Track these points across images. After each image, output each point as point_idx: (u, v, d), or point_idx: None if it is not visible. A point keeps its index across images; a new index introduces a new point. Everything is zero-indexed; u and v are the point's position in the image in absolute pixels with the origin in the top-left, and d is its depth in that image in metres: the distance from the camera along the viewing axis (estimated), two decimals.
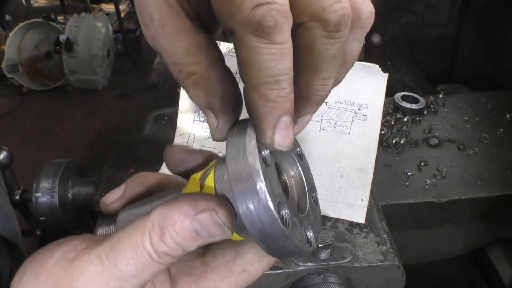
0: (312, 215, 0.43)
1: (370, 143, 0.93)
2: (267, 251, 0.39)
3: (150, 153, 1.13)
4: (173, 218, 0.37)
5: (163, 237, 0.37)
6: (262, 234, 0.36)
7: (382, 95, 0.95)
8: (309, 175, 0.47)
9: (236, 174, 0.36)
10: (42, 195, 1.08)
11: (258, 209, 0.35)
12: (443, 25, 1.87)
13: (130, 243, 0.38)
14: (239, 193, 0.36)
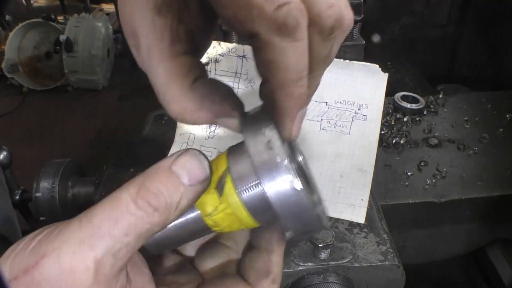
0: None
1: (370, 143, 0.93)
2: (292, 229, 0.40)
3: (150, 153, 1.13)
4: (154, 170, 0.38)
5: (142, 186, 0.37)
6: (292, 214, 0.38)
7: (382, 95, 0.95)
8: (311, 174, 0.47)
9: (262, 159, 0.38)
10: (42, 195, 1.08)
11: (288, 190, 0.37)
12: (443, 25, 1.87)
13: (108, 199, 0.38)
14: (268, 177, 0.38)
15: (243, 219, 0.42)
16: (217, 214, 0.42)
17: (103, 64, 4.16)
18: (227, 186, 0.41)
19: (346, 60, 0.96)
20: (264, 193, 0.39)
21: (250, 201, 0.40)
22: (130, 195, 0.37)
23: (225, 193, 0.41)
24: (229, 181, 0.41)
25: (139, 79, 4.34)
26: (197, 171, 0.39)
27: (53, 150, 3.37)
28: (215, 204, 0.41)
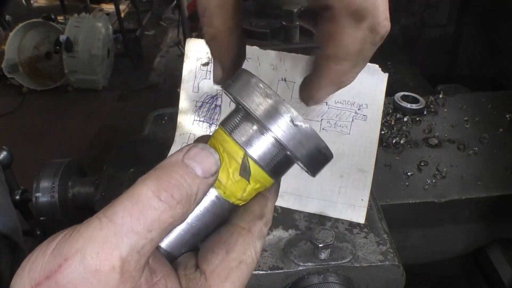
0: None
1: (370, 143, 0.93)
2: (310, 165, 0.45)
3: (150, 153, 1.13)
4: (167, 163, 0.39)
5: (160, 180, 0.38)
6: (307, 149, 0.43)
7: (382, 95, 0.95)
8: None
9: (265, 108, 0.41)
10: (42, 195, 1.08)
11: (298, 127, 0.41)
12: (443, 25, 1.88)
13: (126, 195, 0.38)
14: (273, 122, 0.41)
15: (267, 184, 0.45)
16: (247, 193, 0.44)
17: (103, 64, 4.16)
18: (253, 168, 0.43)
19: None
20: (290, 155, 0.43)
21: (275, 167, 0.44)
22: (150, 189, 0.37)
23: (253, 175, 0.43)
24: (252, 164, 0.43)
25: (139, 79, 4.34)
26: (209, 164, 0.40)
27: (53, 150, 3.37)
28: (243, 187, 0.43)
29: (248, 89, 0.42)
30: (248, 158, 0.43)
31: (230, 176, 0.43)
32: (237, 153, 0.43)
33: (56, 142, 3.51)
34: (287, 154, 0.43)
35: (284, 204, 0.89)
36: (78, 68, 4.01)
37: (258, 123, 0.42)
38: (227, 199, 0.44)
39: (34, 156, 3.12)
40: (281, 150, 0.43)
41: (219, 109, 0.96)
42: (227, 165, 0.43)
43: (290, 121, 0.41)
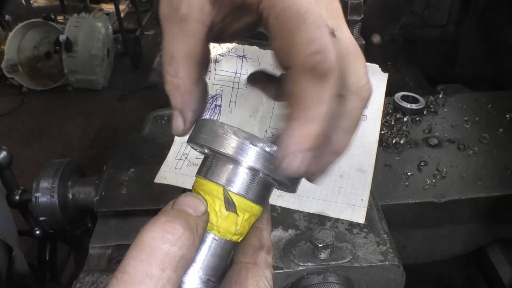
0: None
1: (370, 143, 0.93)
2: (288, 182, 0.47)
3: (150, 153, 1.13)
4: (161, 214, 0.41)
5: (158, 223, 0.40)
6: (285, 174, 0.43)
7: (382, 95, 0.95)
8: None
9: (234, 144, 0.43)
10: (42, 195, 1.08)
11: (268, 152, 0.43)
12: (443, 25, 1.87)
13: (133, 246, 0.39)
14: (242, 153, 0.43)
15: (256, 212, 0.47)
16: (240, 225, 0.45)
17: (103, 64, 4.16)
18: (236, 200, 0.45)
19: None
20: (265, 177, 0.45)
21: (256, 193, 0.46)
22: (153, 232, 0.38)
23: (238, 206, 0.45)
24: (234, 196, 0.45)
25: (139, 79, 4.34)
26: (196, 205, 0.42)
27: (52, 150, 3.37)
28: (234, 220, 0.45)
29: (213, 133, 0.44)
30: (228, 192, 0.44)
31: (218, 214, 0.44)
32: (217, 191, 0.44)
33: (55, 142, 3.51)
34: (263, 178, 0.45)
35: (283, 204, 0.89)
36: (78, 68, 4.01)
37: (229, 159, 0.44)
38: (224, 238, 0.45)
39: (33, 156, 3.12)
40: (256, 176, 0.45)
41: (219, 109, 0.96)
42: (213, 205, 0.44)
43: (260, 148, 0.43)
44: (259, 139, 0.43)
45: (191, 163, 0.95)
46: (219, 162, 0.45)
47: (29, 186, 1.13)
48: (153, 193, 1.01)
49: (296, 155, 0.40)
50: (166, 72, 0.46)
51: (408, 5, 1.84)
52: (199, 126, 0.46)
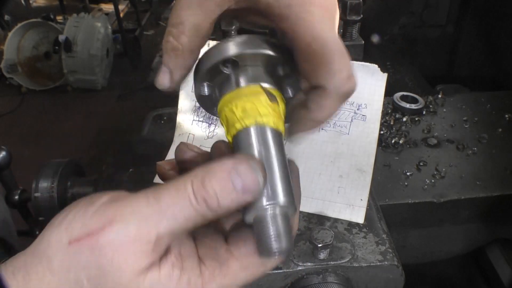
0: None
1: (369, 143, 0.93)
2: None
3: (149, 153, 1.13)
4: (214, 169, 0.43)
5: (203, 183, 0.42)
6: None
7: (381, 95, 0.95)
8: None
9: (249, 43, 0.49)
10: (41, 195, 1.08)
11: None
12: (442, 25, 1.88)
13: (174, 186, 0.43)
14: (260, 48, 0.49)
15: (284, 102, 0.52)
16: (283, 113, 0.50)
17: (102, 64, 4.16)
18: (273, 91, 0.50)
19: None
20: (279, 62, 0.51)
21: (279, 80, 0.52)
22: (192, 187, 0.42)
23: (278, 97, 0.50)
24: (270, 89, 0.50)
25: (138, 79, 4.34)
26: (252, 184, 0.43)
27: (52, 150, 3.37)
28: (278, 111, 0.49)
29: (241, 43, 0.49)
30: (265, 87, 0.49)
31: (267, 107, 0.48)
32: (257, 90, 0.48)
33: (55, 142, 3.51)
34: (286, 68, 0.51)
35: None
36: (77, 68, 4.01)
37: (255, 60, 0.49)
38: (278, 129, 0.48)
39: (33, 156, 3.12)
40: (275, 70, 0.50)
41: None
42: (260, 102, 0.48)
43: (269, 42, 0.49)
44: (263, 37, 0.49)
45: None
46: (246, 69, 0.49)
47: (28, 186, 1.13)
48: None
49: (300, 134, 0.53)
50: (169, 32, 0.49)
51: (407, 5, 1.84)
52: (212, 50, 0.50)
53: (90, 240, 0.41)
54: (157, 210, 0.42)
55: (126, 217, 0.42)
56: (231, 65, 0.49)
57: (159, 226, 0.42)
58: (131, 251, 0.41)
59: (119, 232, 0.41)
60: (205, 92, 0.52)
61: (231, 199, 0.42)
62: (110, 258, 0.41)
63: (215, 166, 0.43)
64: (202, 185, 0.42)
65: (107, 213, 0.42)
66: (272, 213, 0.45)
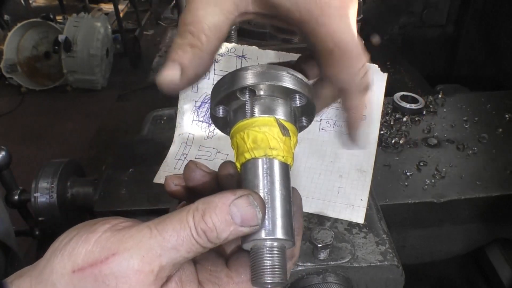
0: None
1: (369, 143, 0.93)
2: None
3: (149, 153, 1.13)
4: (215, 203, 0.44)
5: (204, 216, 0.44)
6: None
7: (381, 95, 0.95)
8: None
9: (269, 75, 0.50)
10: (41, 195, 1.08)
11: (294, 76, 0.51)
12: (442, 25, 1.87)
13: (176, 218, 0.44)
14: (278, 81, 0.49)
15: (296, 136, 0.53)
16: (293, 148, 0.51)
17: (102, 64, 4.15)
18: (287, 125, 0.50)
19: None
20: (301, 105, 0.52)
21: (295, 119, 0.53)
22: (194, 221, 0.44)
23: (290, 130, 0.51)
24: (284, 122, 0.50)
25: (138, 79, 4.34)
26: (250, 219, 0.45)
27: (52, 150, 3.37)
28: (289, 144, 0.50)
29: (260, 73, 0.49)
30: (280, 120, 0.49)
31: (278, 139, 0.48)
32: (271, 121, 0.49)
33: (55, 142, 3.50)
34: (299, 107, 0.52)
35: None
36: (77, 68, 4.01)
37: (271, 91, 0.50)
38: (286, 162, 0.49)
39: (33, 156, 3.12)
40: (292, 104, 0.51)
41: None
42: (272, 134, 0.48)
43: (288, 73, 0.49)
44: (286, 69, 0.49)
45: None
46: (262, 99, 0.50)
47: (28, 186, 1.13)
48: (152, 193, 1.01)
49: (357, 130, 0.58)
50: (188, 30, 0.48)
51: (407, 5, 1.84)
52: (232, 76, 0.50)
53: (93, 269, 0.42)
54: (160, 242, 0.43)
55: (130, 248, 0.43)
56: (248, 92, 0.50)
57: (162, 258, 0.43)
58: (134, 281, 0.42)
59: (123, 263, 0.42)
60: (219, 114, 0.52)
61: (229, 231, 0.44)
62: (113, 287, 0.42)
63: (216, 199, 0.45)
64: (202, 219, 0.44)
65: (109, 243, 0.43)
66: (269, 246, 0.46)
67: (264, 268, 0.46)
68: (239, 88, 0.49)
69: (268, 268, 0.45)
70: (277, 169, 0.48)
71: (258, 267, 0.46)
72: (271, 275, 0.45)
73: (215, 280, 0.48)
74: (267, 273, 0.45)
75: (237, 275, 0.49)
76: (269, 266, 0.46)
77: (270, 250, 0.46)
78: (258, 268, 0.46)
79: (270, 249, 0.46)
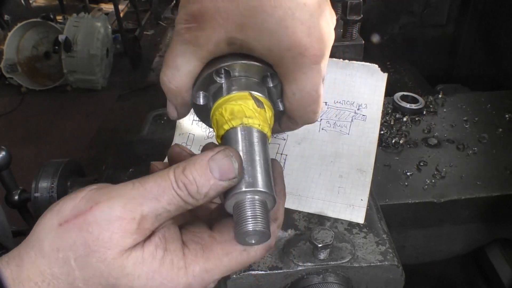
0: None
1: (369, 143, 0.93)
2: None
3: (149, 153, 1.13)
4: (195, 159, 0.47)
5: (184, 171, 0.46)
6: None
7: (381, 95, 0.95)
8: None
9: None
10: (41, 195, 1.08)
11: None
12: (442, 25, 1.87)
13: (159, 174, 0.47)
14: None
15: (272, 111, 0.56)
16: (270, 120, 0.55)
17: (102, 64, 4.16)
18: (261, 99, 0.54)
19: (346, 60, 0.96)
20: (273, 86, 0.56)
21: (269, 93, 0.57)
22: (174, 174, 0.46)
23: (265, 104, 0.54)
24: (258, 96, 0.54)
25: (138, 79, 4.34)
26: (228, 170, 0.47)
27: (52, 150, 3.37)
28: (264, 116, 0.54)
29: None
30: (255, 94, 0.53)
31: (253, 111, 0.52)
32: (246, 96, 0.53)
33: (55, 142, 3.51)
34: (275, 80, 0.55)
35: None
36: (77, 68, 4.01)
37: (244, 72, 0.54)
38: (263, 131, 0.52)
39: (33, 156, 3.12)
40: (265, 83, 0.55)
41: None
42: (247, 106, 0.52)
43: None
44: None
45: None
46: (237, 79, 0.54)
47: (28, 186, 1.13)
48: None
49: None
50: (164, 74, 0.55)
51: (408, 5, 1.84)
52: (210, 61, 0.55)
53: (78, 219, 0.44)
54: (142, 192, 0.46)
55: (112, 198, 0.45)
56: (224, 74, 0.54)
57: (143, 206, 0.45)
58: (116, 228, 0.44)
59: (105, 210, 0.44)
60: (200, 101, 0.56)
61: (209, 185, 0.46)
62: (96, 235, 0.44)
63: (196, 157, 0.48)
64: (183, 173, 0.46)
65: (94, 196, 0.46)
66: (250, 198, 0.48)
67: (246, 218, 0.47)
68: (215, 69, 0.53)
69: (250, 218, 0.47)
70: (254, 135, 0.51)
71: (240, 219, 0.47)
72: (253, 223, 0.46)
73: (198, 240, 0.50)
74: (249, 222, 0.46)
75: (220, 235, 0.50)
76: (250, 216, 0.47)
77: (251, 202, 0.47)
78: (240, 220, 0.47)
79: (251, 201, 0.48)
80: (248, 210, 0.47)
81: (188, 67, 0.54)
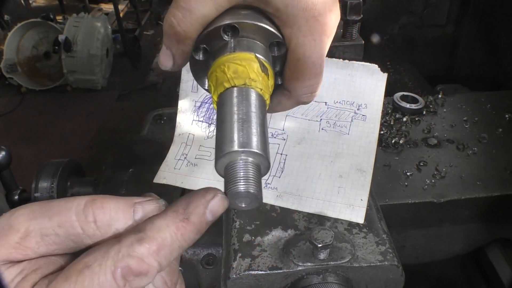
0: None
1: (369, 143, 0.93)
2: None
3: (149, 153, 1.13)
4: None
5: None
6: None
7: (381, 95, 0.95)
8: None
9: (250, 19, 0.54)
10: (41, 195, 1.08)
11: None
12: (442, 25, 1.88)
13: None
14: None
15: (273, 82, 0.55)
16: (271, 88, 0.54)
17: (102, 64, 4.16)
18: (267, 65, 0.53)
19: (346, 60, 0.96)
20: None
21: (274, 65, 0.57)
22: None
23: (269, 71, 0.54)
24: (265, 62, 0.53)
25: (138, 79, 4.34)
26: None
27: (52, 150, 3.37)
28: (267, 83, 0.52)
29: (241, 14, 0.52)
30: (260, 58, 0.52)
31: (257, 74, 0.51)
32: (252, 58, 0.51)
33: (55, 142, 3.51)
34: (281, 50, 0.55)
35: (283, 204, 0.89)
36: (77, 68, 4.01)
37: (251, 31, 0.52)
38: (263, 96, 0.52)
39: (33, 156, 3.12)
40: (272, 42, 0.54)
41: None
42: (252, 68, 0.50)
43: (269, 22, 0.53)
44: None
45: (190, 163, 0.95)
46: (244, 39, 0.52)
47: (28, 186, 1.13)
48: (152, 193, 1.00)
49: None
50: (173, 14, 0.51)
51: (407, 5, 1.84)
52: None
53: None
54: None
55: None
56: (231, 32, 0.51)
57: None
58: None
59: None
60: (200, 57, 0.53)
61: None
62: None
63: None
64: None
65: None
66: (244, 160, 0.45)
67: (239, 178, 0.44)
68: (224, 24, 0.50)
69: (243, 179, 0.44)
70: (254, 97, 0.49)
71: (232, 179, 0.44)
72: (245, 185, 0.44)
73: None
74: (241, 183, 0.44)
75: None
76: (244, 177, 0.44)
77: (244, 164, 0.45)
78: (232, 180, 0.44)
79: (244, 163, 0.45)
80: (241, 172, 0.44)
81: (202, 10, 0.50)
